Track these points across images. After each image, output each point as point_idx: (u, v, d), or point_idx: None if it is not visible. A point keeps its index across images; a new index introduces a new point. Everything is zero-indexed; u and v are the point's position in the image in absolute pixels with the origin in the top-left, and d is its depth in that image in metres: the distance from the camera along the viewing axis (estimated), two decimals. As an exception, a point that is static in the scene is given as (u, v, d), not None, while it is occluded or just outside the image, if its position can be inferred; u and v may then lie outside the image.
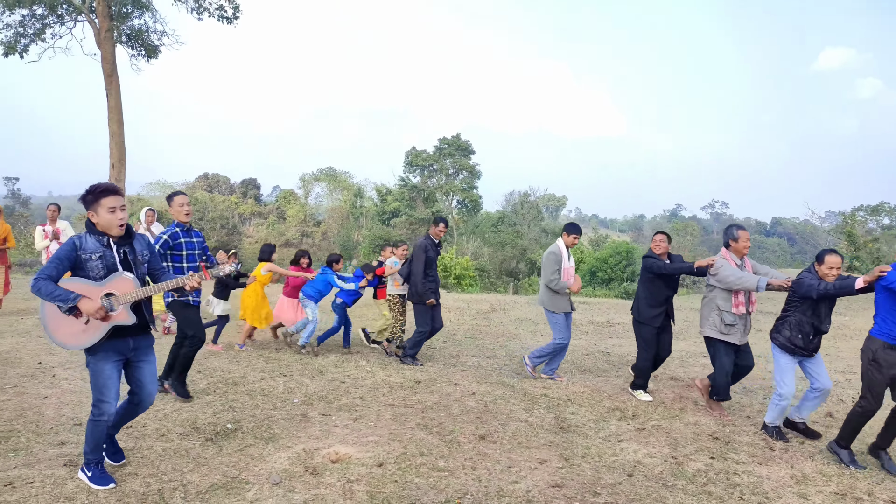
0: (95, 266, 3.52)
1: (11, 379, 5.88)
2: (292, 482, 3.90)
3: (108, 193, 3.53)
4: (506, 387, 6.61)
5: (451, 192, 48.82)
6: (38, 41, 16.43)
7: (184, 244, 5.49)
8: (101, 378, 3.57)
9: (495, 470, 4.25)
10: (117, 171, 16.93)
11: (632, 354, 9.05)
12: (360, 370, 7.07)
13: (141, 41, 17.41)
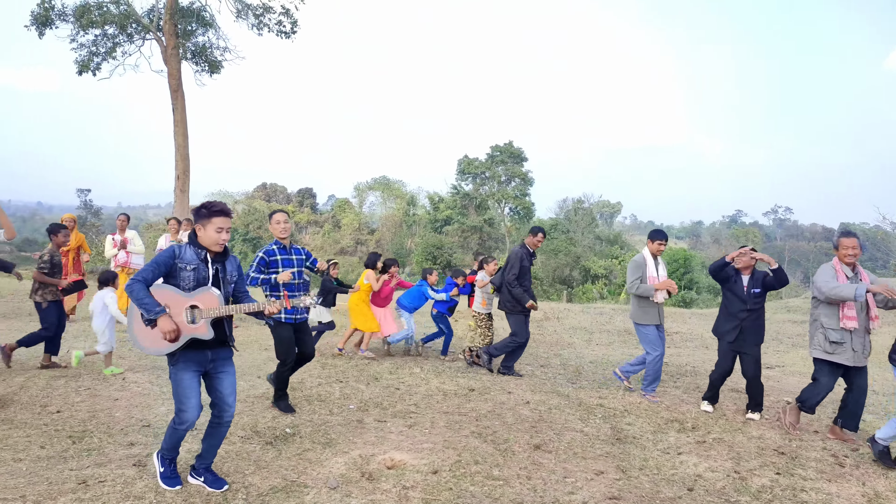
0: (188, 277, 3.65)
1: (85, 382, 6.18)
2: (349, 487, 3.96)
3: (222, 214, 3.69)
4: (560, 396, 6.54)
5: (504, 199, 48.65)
6: (109, 59, 17.29)
7: (280, 261, 5.47)
8: (182, 387, 3.67)
9: (551, 480, 4.21)
10: (182, 183, 17.61)
11: (691, 364, 8.82)
12: (414, 377, 7.13)
13: (205, 57, 18.08)
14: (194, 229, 3.75)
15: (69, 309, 9.81)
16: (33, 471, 3.98)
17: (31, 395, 5.66)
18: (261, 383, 6.45)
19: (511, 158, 48.07)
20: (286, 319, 5.46)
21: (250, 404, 5.69)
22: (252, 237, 36.12)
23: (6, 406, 5.28)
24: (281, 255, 5.50)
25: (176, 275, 3.63)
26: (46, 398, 5.59)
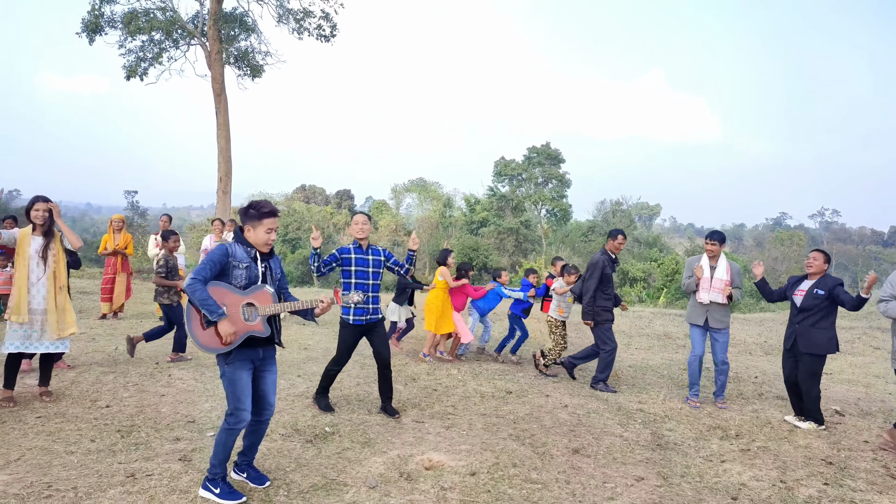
0: (240, 275, 3.68)
1: (133, 377, 6.37)
2: (388, 487, 3.99)
3: (272, 216, 3.74)
4: (599, 400, 6.47)
5: (540, 201, 48.34)
6: (155, 64, 17.80)
7: (353, 260, 5.48)
8: (239, 386, 3.67)
9: (590, 485, 4.17)
10: (224, 184, 17.99)
11: (733, 370, 8.62)
12: (451, 379, 7.14)
13: (247, 61, 18.46)
14: (240, 228, 3.80)
15: (117, 306, 10.13)
16: (84, 463, 4.12)
17: (82, 389, 5.86)
18: (300, 382, 6.55)
19: (548, 160, 47.76)
20: (355, 321, 5.47)
21: (290, 402, 5.77)
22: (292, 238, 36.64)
23: (59, 400, 5.48)
24: (356, 254, 5.50)
25: (229, 273, 3.67)
26: (96, 393, 5.77)
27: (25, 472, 3.94)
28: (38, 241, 5.35)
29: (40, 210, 5.38)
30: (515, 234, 43.96)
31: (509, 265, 40.14)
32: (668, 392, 6.99)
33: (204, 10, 17.87)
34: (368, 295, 5.45)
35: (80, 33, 17.09)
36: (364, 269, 5.51)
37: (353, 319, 5.46)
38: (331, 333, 10.02)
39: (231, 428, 3.69)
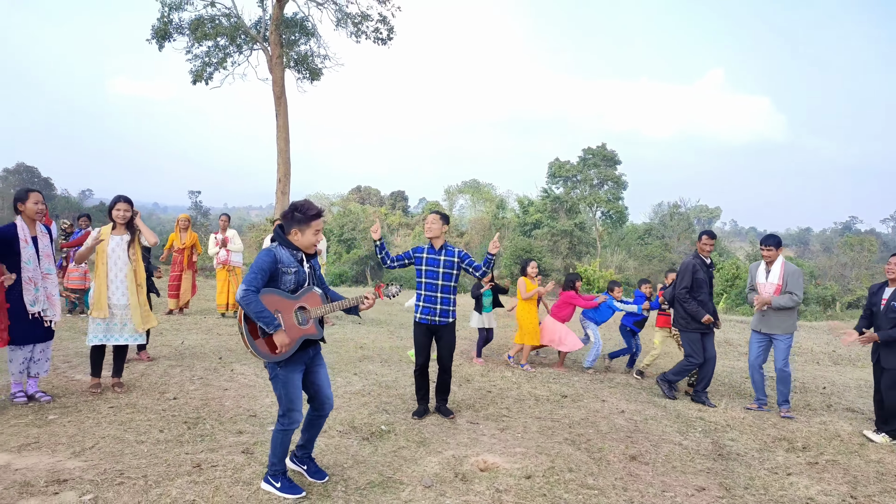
0: (289, 280, 3.65)
1: (198, 371, 6.60)
2: (443, 486, 4.01)
3: (318, 217, 3.71)
4: (657, 406, 6.34)
5: (595, 203, 47.64)
6: (220, 69, 18.43)
7: (424, 259, 5.46)
8: (292, 387, 3.69)
9: (648, 493, 4.09)
10: (283, 185, 18.45)
11: (800, 380, 8.30)
12: (505, 381, 7.12)
13: (306, 65, 18.90)
14: (281, 231, 3.75)
15: (183, 303, 10.52)
16: (153, 452, 4.29)
17: (151, 381, 6.11)
18: (356, 380, 6.66)
19: (604, 161, 47.05)
20: (420, 319, 5.49)
21: (347, 400, 5.87)
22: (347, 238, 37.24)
23: (130, 391, 5.73)
24: (428, 254, 5.47)
25: (278, 278, 3.63)
26: (164, 385, 6.01)
27: (99, 459, 4.14)
28: (117, 240, 5.62)
29: (121, 210, 5.65)
30: (569, 236, 43.42)
31: (562, 268, 39.69)
32: (729, 401, 6.79)
33: (266, 15, 18.39)
34: (437, 296, 5.41)
35: (150, 40, 17.85)
36: (434, 270, 5.44)
37: (419, 318, 5.49)
38: (385, 332, 10.15)
39: (285, 429, 3.72)
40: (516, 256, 35.36)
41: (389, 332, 10.20)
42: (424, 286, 5.45)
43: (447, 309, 5.46)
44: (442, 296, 5.43)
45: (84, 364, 6.25)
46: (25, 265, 5.15)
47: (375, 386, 6.48)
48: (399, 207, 57.03)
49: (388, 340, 9.34)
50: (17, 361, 5.25)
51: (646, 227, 52.79)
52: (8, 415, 4.93)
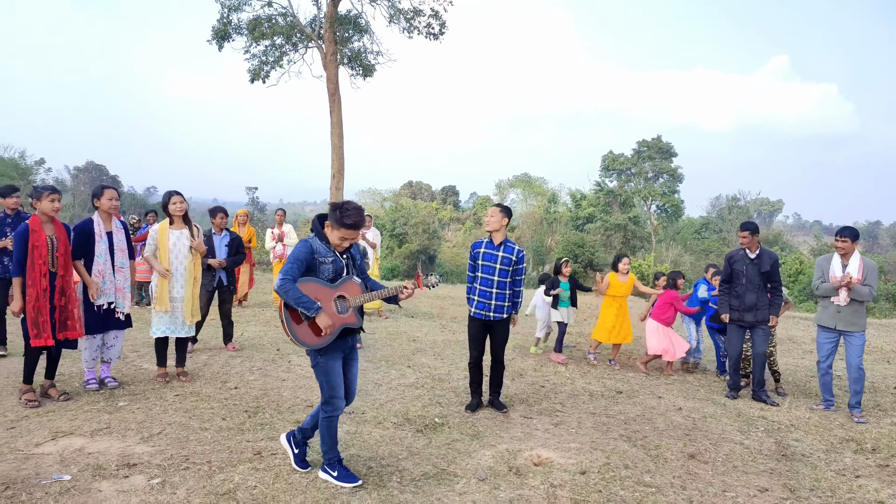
0: (327, 269, 3.72)
1: (257, 362, 6.79)
2: (497, 480, 4.01)
3: (353, 229, 3.65)
4: (716, 404, 6.17)
5: (650, 196, 46.62)
6: (276, 67, 18.81)
7: (481, 254, 5.44)
8: (333, 375, 3.75)
9: (708, 492, 3.99)
10: (337, 181, 18.71)
11: (870, 379, 7.93)
12: (559, 376, 7.06)
13: (359, 61, 19.08)
14: (317, 221, 3.81)
15: (241, 296, 10.82)
16: (216, 439, 4.45)
17: (213, 371, 6.32)
18: (410, 372, 6.72)
19: (659, 154, 45.97)
20: (474, 314, 5.49)
21: (401, 392, 5.94)
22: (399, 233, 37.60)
23: (194, 380, 5.94)
24: (487, 248, 5.44)
25: (316, 268, 3.70)
26: (225, 375, 6.21)
27: (166, 444, 4.32)
28: (177, 234, 5.82)
29: (177, 203, 5.84)
30: (623, 230, 42.67)
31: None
32: (793, 399, 6.55)
33: (321, 13, 18.65)
34: (493, 291, 5.37)
35: (211, 41, 18.37)
36: (491, 265, 5.38)
37: (473, 312, 5.48)
38: (437, 326, 10.21)
39: (329, 416, 3.80)
40: (568, 251, 34.99)
41: (442, 326, 10.25)
42: (480, 280, 5.43)
43: (502, 305, 5.42)
44: (497, 291, 5.38)
45: (151, 353, 6.51)
46: (97, 258, 5.39)
47: (429, 379, 6.52)
48: (450, 202, 57.17)
49: (440, 334, 9.39)
50: (89, 350, 5.52)
51: (703, 220, 51.37)
52: (82, 401, 5.19)
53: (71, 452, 4.09)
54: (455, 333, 9.54)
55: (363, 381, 6.29)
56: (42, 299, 4.94)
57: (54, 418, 4.73)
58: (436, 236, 39.85)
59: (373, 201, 52.04)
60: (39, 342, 4.94)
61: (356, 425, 4.92)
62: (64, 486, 3.59)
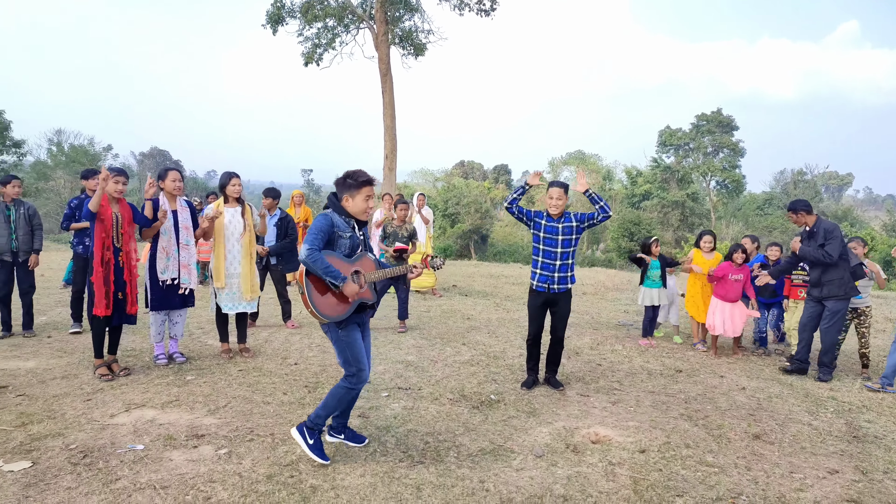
0: (344, 244, 3.74)
1: (315, 339, 6.94)
2: (554, 457, 4.00)
3: (370, 184, 3.76)
4: (782, 384, 5.97)
5: (710, 171, 45.12)
6: (329, 50, 18.99)
7: (543, 227, 5.33)
8: (355, 347, 3.76)
9: (774, 473, 3.88)
10: (390, 161, 18.83)
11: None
12: (616, 354, 6.96)
13: (411, 41, 19.05)
14: (332, 197, 3.82)
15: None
16: (279, 413, 4.58)
17: (274, 347, 6.50)
18: (465, 350, 6.74)
19: (719, 127, 44.38)
20: (537, 287, 5.40)
21: (456, 369, 5.97)
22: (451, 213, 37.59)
23: (256, 356, 6.13)
24: (547, 221, 5.32)
25: (334, 242, 3.71)
26: (286, 351, 6.38)
27: (231, 417, 4.47)
28: (232, 212, 5.98)
29: (236, 185, 6.00)
30: (681, 207, 41.49)
31: (673, 240, 38.08)
32: (864, 381, 6.26)
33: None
34: (556, 263, 5.30)
35: (265, 25, 18.65)
36: (552, 238, 5.29)
37: (535, 285, 5.41)
38: (491, 304, 10.20)
39: (352, 387, 3.77)
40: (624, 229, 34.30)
41: (496, 305, 10.24)
42: (542, 253, 5.35)
43: (565, 276, 5.35)
44: (561, 262, 5.31)
45: (215, 330, 6.73)
46: (162, 235, 5.61)
47: (484, 356, 6.53)
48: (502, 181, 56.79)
49: (494, 312, 9.38)
50: (155, 325, 5.75)
51: (766, 196, 49.49)
52: (152, 375, 5.42)
53: (143, 423, 4.28)
54: (509, 312, 9.51)
55: (419, 357, 6.35)
56: (105, 271, 5.16)
57: (127, 391, 4.96)
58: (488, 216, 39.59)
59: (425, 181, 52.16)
60: (98, 311, 5.15)
61: (413, 401, 4.98)
62: (137, 454, 3.77)
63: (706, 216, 43.98)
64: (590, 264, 27.35)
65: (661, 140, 46.62)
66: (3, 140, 30.14)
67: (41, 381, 5.16)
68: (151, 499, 3.24)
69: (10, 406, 4.54)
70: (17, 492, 3.26)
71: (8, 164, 30.68)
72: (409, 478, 3.60)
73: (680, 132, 45.75)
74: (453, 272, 15.23)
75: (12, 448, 3.81)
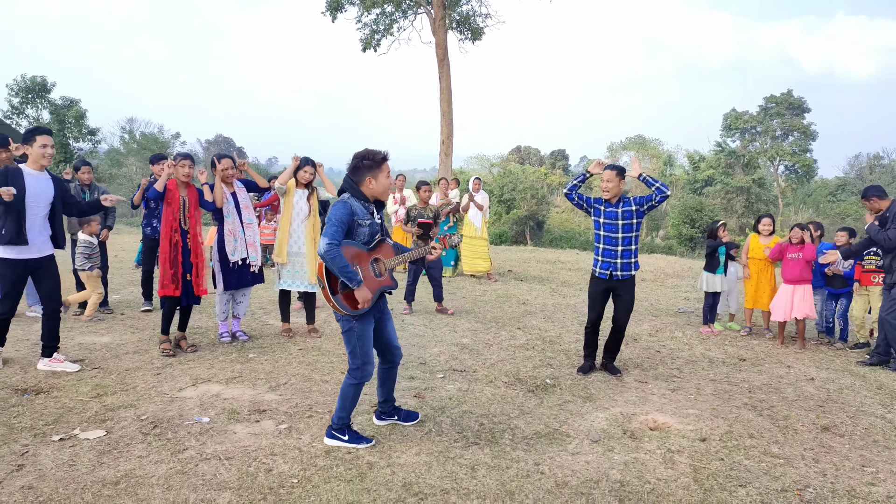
0: (363, 232, 3.60)
1: (372, 321, 7.04)
2: (611, 442, 3.94)
3: (387, 159, 3.60)
4: (854, 375, 5.71)
5: (778, 156, 43.26)
6: (387, 35, 19.09)
7: (602, 212, 5.21)
8: (366, 341, 3.66)
9: (844, 466, 3.72)
10: (446, 147, 18.85)
11: None
12: (675, 342, 6.80)
13: (468, 25, 18.96)
14: (349, 180, 3.62)
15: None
16: (336, 391, 4.66)
17: (333, 328, 6.64)
18: (521, 334, 6.72)
19: (789, 110, 42.45)
20: (599, 274, 5.29)
21: (511, 353, 5.96)
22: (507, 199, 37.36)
23: (311, 336, 6.27)
24: (606, 206, 5.20)
25: (353, 231, 3.57)
26: (343, 332, 6.50)
27: (291, 394, 4.60)
28: (300, 193, 6.14)
29: (307, 172, 6.14)
30: (746, 193, 39.99)
31: (737, 227, 36.79)
32: (945, 374, 5.92)
33: (429, -22, 18.62)
34: (618, 249, 5.17)
35: (325, 12, 18.90)
36: (612, 223, 5.16)
37: (597, 272, 5.30)
38: (547, 289, 10.11)
39: (358, 382, 3.69)
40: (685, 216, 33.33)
41: (552, 290, 10.15)
42: (603, 239, 5.23)
43: (629, 262, 5.20)
44: (623, 248, 5.16)
45: (276, 311, 6.92)
46: (227, 218, 5.80)
47: (539, 341, 6.49)
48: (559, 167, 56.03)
49: (550, 297, 9.30)
50: (220, 305, 5.96)
51: (838, 181, 47.13)
52: (217, 352, 5.62)
53: (209, 397, 4.45)
54: (565, 297, 9.41)
55: (474, 340, 6.37)
56: (173, 252, 5.37)
57: (194, 367, 5.16)
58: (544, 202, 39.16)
59: (481, 167, 51.98)
60: (167, 292, 5.37)
61: (468, 383, 5.00)
62: (203, 426, 3.92)
63: (773, 202, 42.28)
64: (649, 251, 26.73)
65: (726, 123, 44.96)
66: (80, 128, 31.63)
67: (115, 356, 5.44)
68: (216, 469, 3.37)
69: (86, 378, 4.80)
70: (93, 458, 3.45)
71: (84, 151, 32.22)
72: (464, 458, 3.62)
73: (746, 115, 44.00)
74: (508, 257, 15.17)
75: (88, 418, 4.03)
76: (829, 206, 41.09)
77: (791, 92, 42.83)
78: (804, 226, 6.82)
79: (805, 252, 6.66)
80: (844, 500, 3.31)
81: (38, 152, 4.75)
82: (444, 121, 18.80)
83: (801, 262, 6.67)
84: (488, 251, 11.04)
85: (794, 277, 6.68)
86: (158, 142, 43.18)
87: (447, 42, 18.42)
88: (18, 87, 30.60)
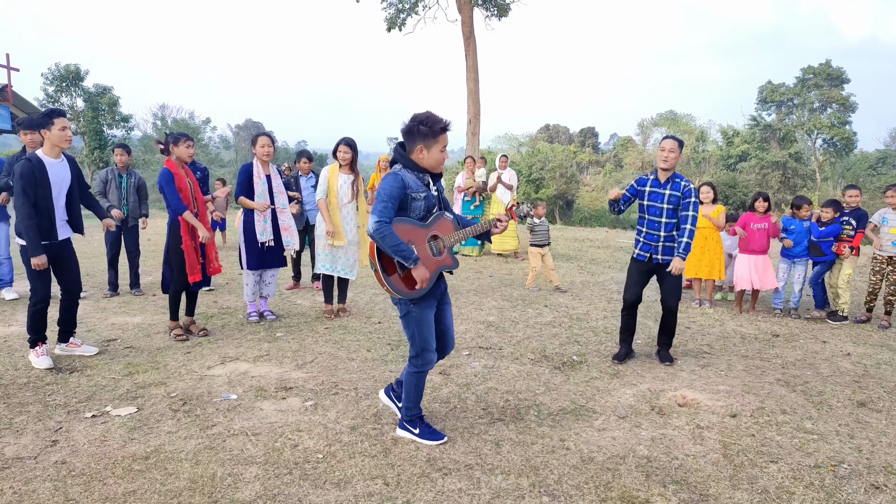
0: (418, 206, 3.25)
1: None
2: (638, 418, 3.89)
3: (446, 131, 3.23)
4: (892, 351, 5.54)
5: (816, 129, 41.94)
6: (412, 14, 18.92)
7: (647, 194, 4.93)
8: (427, 327, 3.35)
9: (880, 442, 3.61)
10: (473, 126, 18.67)
11: None
12: (706, 318, 6.67)
13: (494, 2, 18.67)
14: (400, 149, 3.32)
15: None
16: (362, 369, 4.70)
17: (359, 307, 6.67)
18: (547, 311, 6.66)
19: (827, 81, 41.00)
20: (637, 255, 5.01)
21: (538, 330, 5.91)
22: (535, 178, 37.02)
23: (339, 316, 6.30)
24: (652, 186, 4.91)
25: (407, 206, 3.22)
26: (370, 311, 6.53)
27: (318, 371, 4.63)
28: (344, 178, 6.06)
29: (342, 152, 6.01)
30: (782, 168, 38.98)
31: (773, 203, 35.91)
32: None
33: (454, -46, 18.35)
34: (660, 234, 4.88)
35: (348, -8, 18.79)
36: (657, 205, 4.86)
37: (637, 254, 5.01)
38: (575, 267, 10.01)
39: (420, 371, 3.43)
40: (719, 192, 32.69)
41: (580, 267, 10.04)
42: (647, 222, 4.94)
43: (672, 246, 4.88)
44: (666, 234, 4.88)
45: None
46: (257, 198, 5.81)
47: (566, 318, 6.43)
48: (589, 144, 55.33)
49: (578, 275, 9.20)
50: (249, 285, 6.01)
51: (879, 154, 45.61)
52: (245, 331, 5.69)
53: (237, 375, 4.51)
54: (593, 275, 9.30)
55: (500, 318, 6.34)
56: (193, 238, 5.35)
57: (223, 345, 5.24)
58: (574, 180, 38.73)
59: (509, 146, 51.60)
60: (195, 277, 5.34)
61: (494, 360, 4.98)
62: (231, 404, 3.98)
63: (811, 177, 41.15)
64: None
65: (761, 96, 43.69)
66: (113, 115, 32.18)
67: (146, 335, 5.54)
68: (244, 444, 3.41)
69: (118, 357, 4.91)
70: (124, 434, 3.52)
71: (118, 138, 32.78)
72: (489, 433, 3.61)
73: (783, 87, 42.68)
74: (537, 236, 15.04)
75: (120, 395, 4.12)
76: (870, 179, 39.81)
77: (829, 62, 41.37)
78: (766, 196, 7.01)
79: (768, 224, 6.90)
80: (881, 475, 3.21)
81: (59, 135, 4.49)
82: (471, 99, 18.61)
83: (765, 232, 6.87)
84: (516, 230, 10.98)
85: (757, 248, 6.88)
86: (190, 128, 43.76)
87: (473, 19, 18.17)
88: (53, 76, 31.15)
